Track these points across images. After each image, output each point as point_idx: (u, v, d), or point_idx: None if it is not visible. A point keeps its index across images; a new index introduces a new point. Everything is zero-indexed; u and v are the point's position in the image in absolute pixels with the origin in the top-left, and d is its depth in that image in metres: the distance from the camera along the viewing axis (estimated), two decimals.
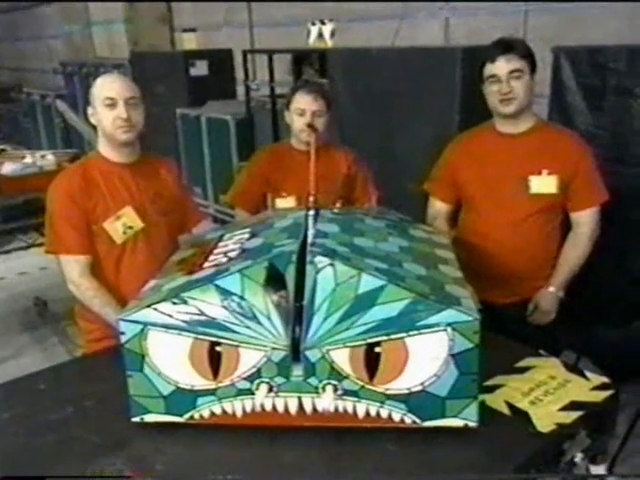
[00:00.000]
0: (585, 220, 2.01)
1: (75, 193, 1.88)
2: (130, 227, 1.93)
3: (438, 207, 2.19)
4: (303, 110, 2.20)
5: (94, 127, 1.99)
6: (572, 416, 1.39)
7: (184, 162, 5.97)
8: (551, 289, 2.03)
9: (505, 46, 1.92)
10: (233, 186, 2.48)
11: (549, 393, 1.46)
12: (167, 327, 1.37)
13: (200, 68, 5.87)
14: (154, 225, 1.99)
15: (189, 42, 6.43)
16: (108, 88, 1.89)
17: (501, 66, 1.90)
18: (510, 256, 2.00)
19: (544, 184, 1.96)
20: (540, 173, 1.96)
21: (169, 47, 7.70)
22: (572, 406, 1.42)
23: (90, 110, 1.94)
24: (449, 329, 1.30)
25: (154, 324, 1.37)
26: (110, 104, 1.87)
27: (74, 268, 1.90)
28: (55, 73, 8.22)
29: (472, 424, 1.36)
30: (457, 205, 2.19)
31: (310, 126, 2.12)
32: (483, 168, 2.04)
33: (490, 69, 1.93)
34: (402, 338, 1.32)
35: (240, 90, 5.91)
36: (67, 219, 1.88)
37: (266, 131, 4.97)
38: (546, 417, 1.38)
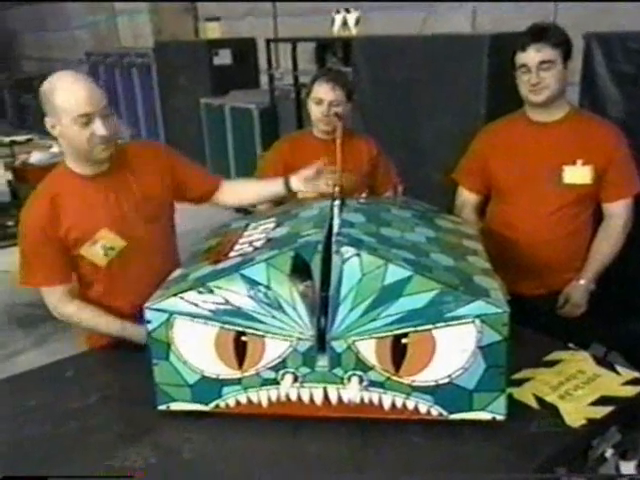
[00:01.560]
0: (618, 211, 1.96)
1: (45, 224, 1.65)
2: (111, 248, 1.71)
3: (466, 197, 2.16)
4: (320, 99, 2.19)
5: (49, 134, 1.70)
6: (603, 411, 1.37)
7: (208, 152, 5.99)
8: (582, 282, 1.99)
9: (537, 34, 1.86)
10: (254, 175, 2.47)
11: (579, 387, 1.44)
12: (193, 316, 1.37)
13: (223, 57, 5.87)
14: (142, 236, 1.74)
15: (212, 31, 6.43)
16: (80, 102, 1.57)
17: (531, 56, 1.85)
18: (540, 247, 1.97)
19: (578, 174, 1.92)
20: (574, 163, 1.91)
21: (193, 36, 7.71)
22: (603, 401, 1.39)
23: (50, 121, 1.62)
24: (477, 321, 1.29)
25: (180, 313, 1.38)
26: (85, 122, 1.58)
27: (51, 297, 1.73)
28: (80, 63, 8.27)
29: (500, 417, 1.34)
30: (486, 195, 2.15)
31: (336, 115, 2.10)
32: (514, 157, 2.00)
33: (521, 58, 1.88)
34: (429, 330, 1.31)
35: (263, 79, 5.89)
36: (38, 253, 1.68)
37: (290, 120, 4.96)
38: (576, 412, 1.36)
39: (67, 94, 1.57)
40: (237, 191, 2.01)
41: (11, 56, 12.83)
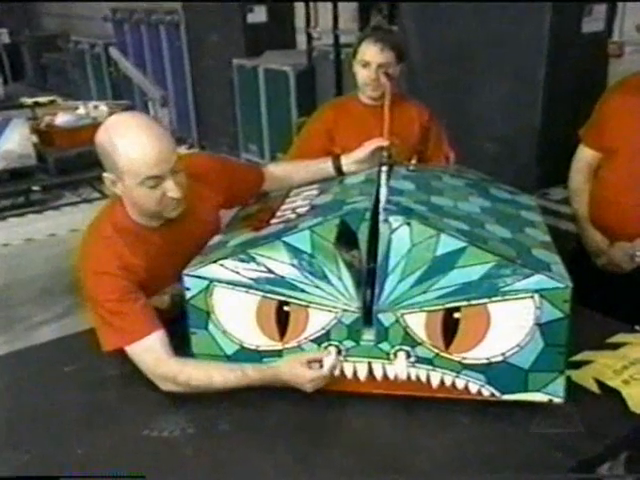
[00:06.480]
0: None
1: (123, 265, 1.50)
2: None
3: (583, 154, 2.17)
4: (368, 62, 2.16)
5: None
6: None
7: (240, 117, 6.02)
8: None
9: None
10: (294, 144, 2.47)
11: None
12: (234, 284, 1.41)
13: (258, 14, 5.84)
14: None
15: None
16: (149, 163, 1.42)
17: None
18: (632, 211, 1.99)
19: None
20: None
21: None
22: None
23: (110, 178, 1.49)
24: (536, 296, 1.30)
25: (220, 280, 1.42)
26: (154, 184, 1.45)
27: (146, 356, 1.48)
28: (105, 20, 8.33)
29: (557, 400, 1.36)
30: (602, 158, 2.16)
31: (386, 74, 2.10)
32: (631, 121, 2.00)
33: None
34: (484, 304, 1.32)
35: (301, 39, 5.87)
36: (123, 300, 1.49)
37: (328, 84, 4.94)
38: None
39: (131, 154, 1.42)
40: (281, 179, 1.88)
41: (30, 12, 13.00)
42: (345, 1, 5.02)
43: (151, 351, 1.47)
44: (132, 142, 1.43)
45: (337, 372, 1.42)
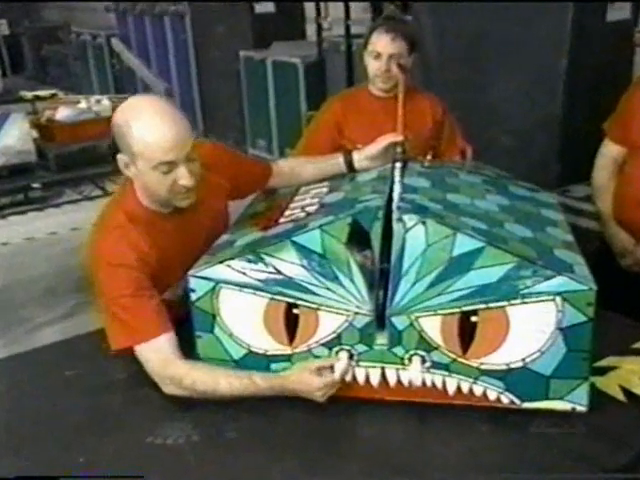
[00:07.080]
0: None
1: (140, 257, 1.50)
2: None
3: (611, 150, 2.14)
4: (379, 53, 2.16)
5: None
6: None
7: (247, 111, 6.02)
8: None
9: None
10: (302, 139, 2.47)
11: None
12: (241, 286, 1.41)
13: (266, 5, 5.85)
14: None
15: None
16: (164, 147, 1.44)
17: None
18: None
19: None
20: None
21: None
22: None
23: (123, 159, 1.50)
24: (558, 299, 1.28)
25: (227, 282, 1.41)
26: (167, 170, 1.47)
27: (152, 355, 1.47)
28: (107, 11, 8.36)
29: (581, 408, 1.35)
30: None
31: (399, 66, 2.09)
32: None
33: None
34: (503, 307, 1.31)
35: (310, 29, 5.86)
36: (135, 297, 1.48)
37: (339, 76, 4.93)
38: None
39: (147, 136, 1.44)
40: (290, 174, 1.88)
41: (30, 3, 13.04)
42: None
43: (159, 352, 1.47)
44: (148, 125, 1.44)
45: (349, 378, 1.41)
